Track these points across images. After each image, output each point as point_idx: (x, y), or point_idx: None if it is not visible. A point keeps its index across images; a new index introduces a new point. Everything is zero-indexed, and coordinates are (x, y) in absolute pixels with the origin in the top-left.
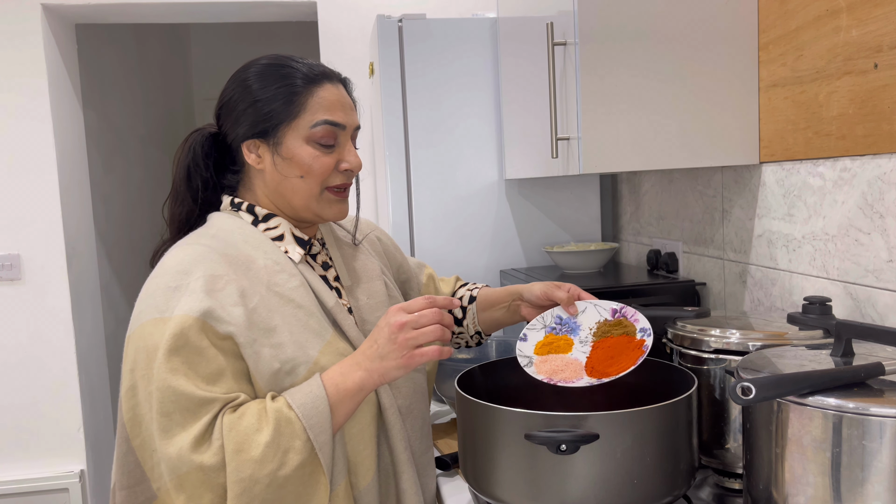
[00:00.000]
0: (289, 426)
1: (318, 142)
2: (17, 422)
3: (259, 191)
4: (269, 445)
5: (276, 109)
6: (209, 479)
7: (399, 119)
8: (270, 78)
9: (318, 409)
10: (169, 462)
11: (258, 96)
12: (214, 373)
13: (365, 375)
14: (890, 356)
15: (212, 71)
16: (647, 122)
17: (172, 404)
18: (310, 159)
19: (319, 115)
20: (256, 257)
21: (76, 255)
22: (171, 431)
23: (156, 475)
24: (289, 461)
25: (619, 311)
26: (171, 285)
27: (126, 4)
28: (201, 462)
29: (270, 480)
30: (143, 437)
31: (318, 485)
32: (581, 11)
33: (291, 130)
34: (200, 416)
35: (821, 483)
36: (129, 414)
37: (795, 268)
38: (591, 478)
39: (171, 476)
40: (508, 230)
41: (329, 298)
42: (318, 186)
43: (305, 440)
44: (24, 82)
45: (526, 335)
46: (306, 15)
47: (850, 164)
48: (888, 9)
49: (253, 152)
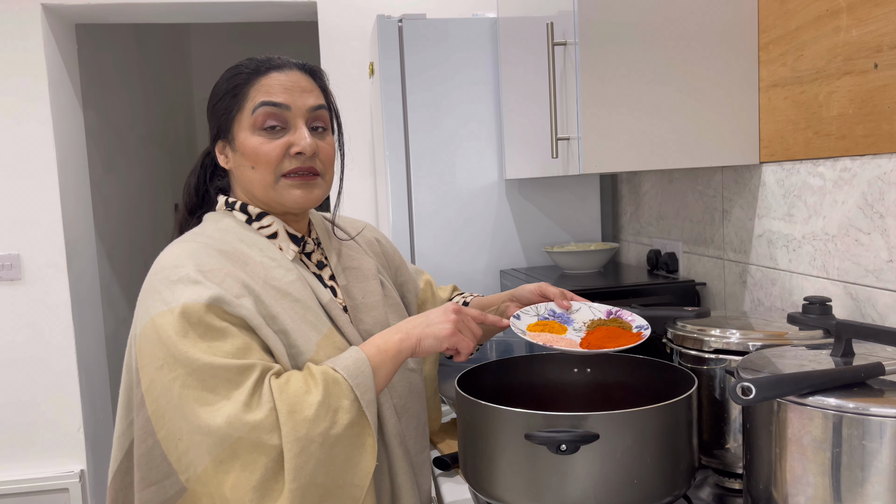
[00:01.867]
0: (336, 386)
1: (261, 127)
2: (17, 422)
3: (238, 189)
4: (321, 405)
5: (225, 105)
6: (262, 441)
7: (399, 119)
8: (224, 80)
9: (361, 370)
10: (217, 433)
11: (214, 99)
12: (242, 347)
13: (403, 337)
14: (890, 356)
15: (212, 71)
16: (647, 122)
17: (212, 379)
18: (255, 146)
19: (259, 97)
20: (252, 254)
21: (76, 255)
22: (214, 405)
23: (183, 465)
24: (339, 420)
25: (614, 313)
26: (172, 278)
27: (126, 4)
28: (256, 421)
29: (323, 439)
30: (168, 429)
31: (366, 447)
32: (581, 11)
33: (238, 123)
34: (242, 383)
35: (821, 483)
36: (153, 407)
37: (795, 268)
38: (591, 478)
39: (220, 448)
40: (508, 230)
41: (324, 295)
42: (270, 175)
43: (353, 399)
44: (24, 82)
45: (519, 315)
46: (306, 15)
47: (850, 164)
48: (888, 9)
49: (222, 153)
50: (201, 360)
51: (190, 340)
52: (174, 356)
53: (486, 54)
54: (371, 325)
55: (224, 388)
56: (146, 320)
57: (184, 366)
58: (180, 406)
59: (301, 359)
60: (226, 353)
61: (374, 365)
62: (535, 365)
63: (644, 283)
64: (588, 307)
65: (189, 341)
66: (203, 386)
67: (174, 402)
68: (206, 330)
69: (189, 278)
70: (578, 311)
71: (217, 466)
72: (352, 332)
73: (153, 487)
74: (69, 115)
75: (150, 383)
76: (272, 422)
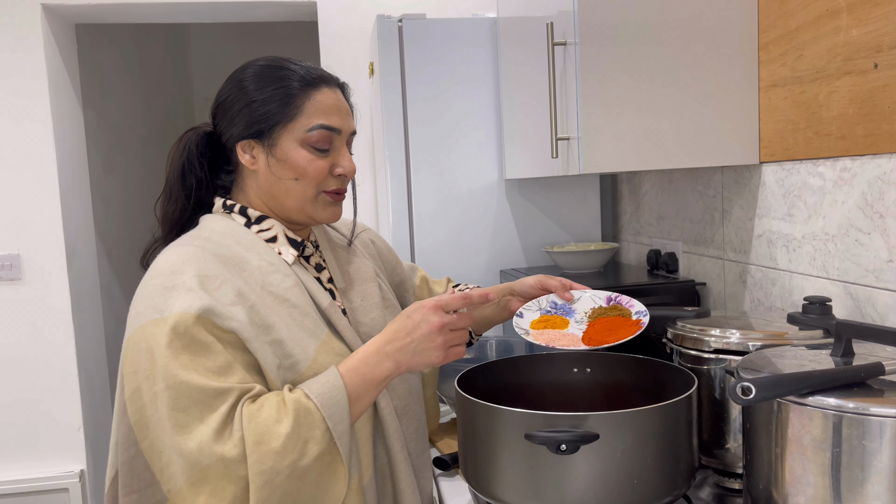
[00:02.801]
0: (308, 416)
1: (313, 145)
2: (17, 421)
3: (252, 192)
4: (289, 437)
5: (272, 111)
6: (231, 471)
7: (399, 119)
8: (267, 79)
9: (335, 399)
10: (188, 457)
11: (254, 97)
12: (223, 366)
13: (393, 367)
14: (890, 356)
15: (212, 71)
16: (647, 121)
17: (186, 399)
18: (304, 162)
19: (316, 118)
20: (250, 258)
21: (76, 255)
22: (188, 427)
23: (165, 477)
24: (309, 451)
25: (613, 299)
26: (167, 285)
27: (126, 4)
28: (223, 453)
29: (291, 471)
30: (151, 440)
31: (337, 474)
32: (581, 11)
33: (287, 132)
34: (217, 407)
35: (821, 483)
36: (136, 416)
37: (795, 268)
38: (591, 478)
39: (191, 472)
40: (508, 230)
41: (323, 299)
42: (312, 189)
43: (325, 430)
44: (24, 82)
45: (522, 313)
46: (306, 15)
47: (850, 164)
48: (888, 9)
49: (247, 153)
50: (180, 376)
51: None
52: (158, 368)
53: (486, 54)
54: (370, 328)
55: (198, 409)
56: (136, 326)
57: (164, 380)
58: (161, 422)
59: (299, 367)
60: (207, 369)
61: (353, 395)
62: (535, 365)
63: (644, 283)
64: (589, 296)
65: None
66: (178, 406)
67: (157, 415)
68: (191, 342)
69: (184, 286)
70: (580, 300)
71: (190, 487)
72: (351, 336)
73: (135, 495)
74: (69, 115)
75: (133, 392)
76: (240, 452)
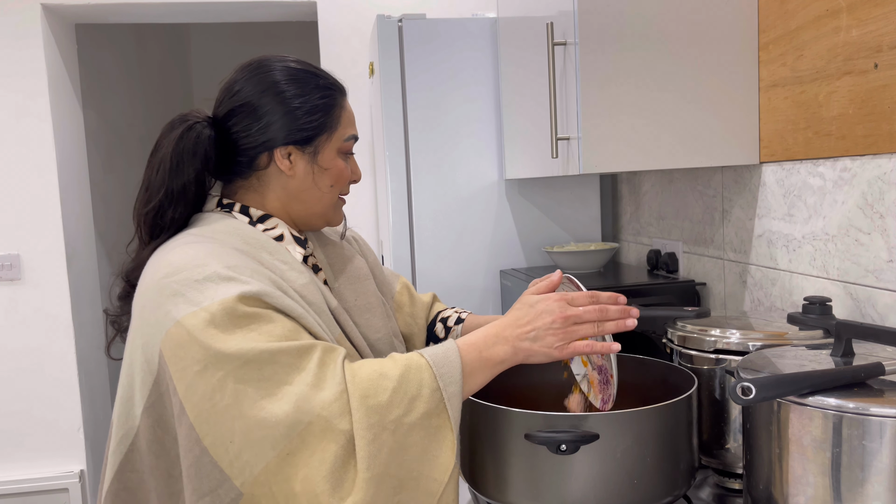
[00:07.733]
0: (418, 372)
1: (346, 153)
2: (16, 422)
3: (272, 194)
4: (395, 391)
5: (318, 119)
6: (332, 426)
7: (399, 119)
8: (308, 86)
9: (448, 360)
10: (284, 421)
11: (296, 104)
12: (292, 329)
13: (510, 351)
14: (890, 356)
15: (212, 71)
16: (647, 121)
17: (270, 366)
18: (342, 169)
19: (349, 128)
20: (262, 256)
21: (76, 255)
22: (277, 392)
23: (237, 469)
24: (416, 408)
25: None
26: (196, 278)
27: (126, 4)
28: (326, 401)
29: (396, 427)
30: (215, 434)
31: (445, 441)
32: (581, 11)
33: (330, 142)
34: (305, 366)
35: (821, 483)
36: (194, 413)
37: (795, 268)
38: (591, 478)
39: (287, 440)
40: (508, 230)
41: (332, 299)
42: (337, 195)
43: (434, 388)
44: (23, 82)
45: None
46: (306, 15)
47: (850, 164)
48: (888, 9)
49: (286, 158)
50: (255, 348)
51: (235, 334)
52: (218, 354)
53: (487, 54)
54: (365, 328)
55: (284, 372)
56: (169, 325)
57: (233, 361)
58: (235, 404)
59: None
60: (279, 336)
61: (467, 367)
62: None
63: (644, 283)
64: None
65: (234, 335)
66: (261, 376)
67: (225, 401)
68: (251, 319)
69: (219, 276)
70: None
71: (283, 460)
72: (357, 336)
73: (207, 498)
74: (69, 115)
75: (187, 389)
76: (342, 404)
